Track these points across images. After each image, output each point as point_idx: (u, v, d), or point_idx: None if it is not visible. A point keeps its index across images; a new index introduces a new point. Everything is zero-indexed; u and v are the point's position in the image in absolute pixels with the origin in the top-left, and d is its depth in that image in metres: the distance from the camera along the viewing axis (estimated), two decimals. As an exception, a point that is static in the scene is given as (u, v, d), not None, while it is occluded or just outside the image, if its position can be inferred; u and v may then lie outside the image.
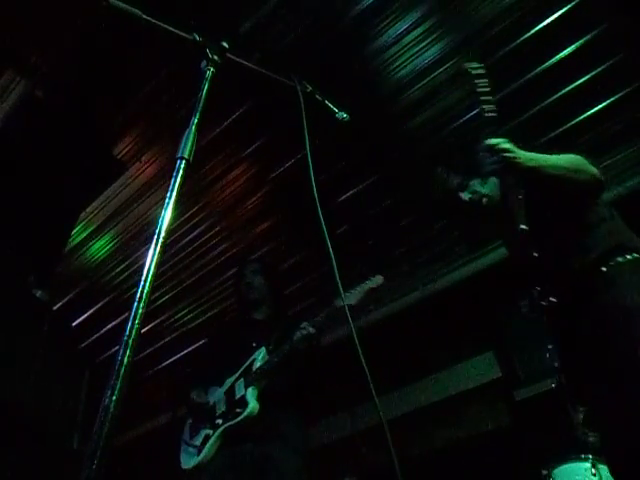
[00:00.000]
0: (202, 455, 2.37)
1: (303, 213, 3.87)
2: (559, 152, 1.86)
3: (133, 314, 0.89)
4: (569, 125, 3.48)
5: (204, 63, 1.32)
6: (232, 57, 1.38)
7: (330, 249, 1.36)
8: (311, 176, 1.42)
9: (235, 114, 3.37)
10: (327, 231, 1.37)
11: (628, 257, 1.69)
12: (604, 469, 2.27)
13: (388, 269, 4.59)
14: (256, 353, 2.55)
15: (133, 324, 0.88)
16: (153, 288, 0.94)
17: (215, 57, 1.32)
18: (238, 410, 2.39)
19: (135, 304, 0.91)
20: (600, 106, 3.38)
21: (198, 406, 2.57)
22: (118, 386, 0.82)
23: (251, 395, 2.39)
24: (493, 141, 1.75)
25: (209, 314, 4.96)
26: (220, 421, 2.43)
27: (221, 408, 2.50)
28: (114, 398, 0.81)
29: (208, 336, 4.00)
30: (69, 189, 3.34)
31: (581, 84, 3.24)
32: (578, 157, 1.82)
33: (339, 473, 4.19)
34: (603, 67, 3.15)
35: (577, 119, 3.45)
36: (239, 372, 2.55)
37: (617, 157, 3.73)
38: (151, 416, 5.97)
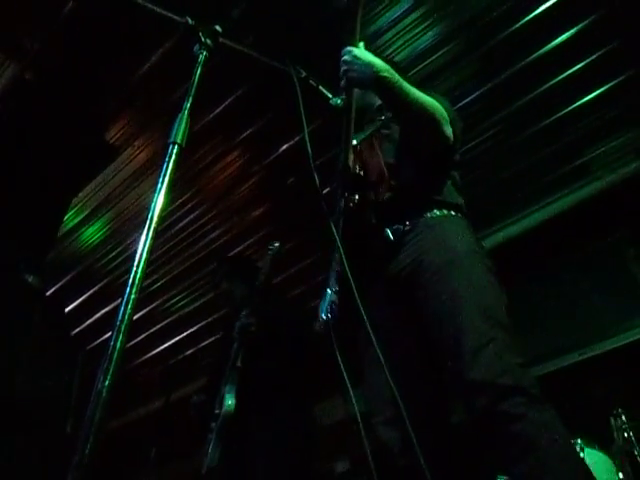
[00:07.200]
0: (207, 460, 2.41)
1: (297, 199, 3.89)
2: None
3: (125, 300, 0.90)
4: (566, 111, 3.48)
5: (197, 47, 1.31)
6: (225, 41, 1.37)
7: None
8: (310, 162, 1.41)
9: (229, 99, 3.34)
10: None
11: (445, 212, 1.63)
12: (591, 453, 2.29)
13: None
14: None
15: (125, 310, 0.89)
16: (146, 274, 0.94)
17: (208, 41, 1.31)
18: (217, 412, 2.41)
19: (127, 290, 0.91)
20: (596, 92, 3.38)
21: (197, 407, 2.60)
22: (111, 371, 0.82)
23: (228, 393, 2.40)
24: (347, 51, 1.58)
25: (203, 300, 4.96)
26: (213, 424, 2.46)
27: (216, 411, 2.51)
28: (106, 383, 0.81)
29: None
30: (61, 174, 3.31)
31: (578, 70, 3.23)
32: (440, 106, 1.61)
33: (332, 456, 4.23)
34: (600, 53, 3.14)
35: (573, 105, 3.45)
36: (227, 372, 2.58)
37: (612, 144, 3.74)
38: (144, 402, 6.00)
